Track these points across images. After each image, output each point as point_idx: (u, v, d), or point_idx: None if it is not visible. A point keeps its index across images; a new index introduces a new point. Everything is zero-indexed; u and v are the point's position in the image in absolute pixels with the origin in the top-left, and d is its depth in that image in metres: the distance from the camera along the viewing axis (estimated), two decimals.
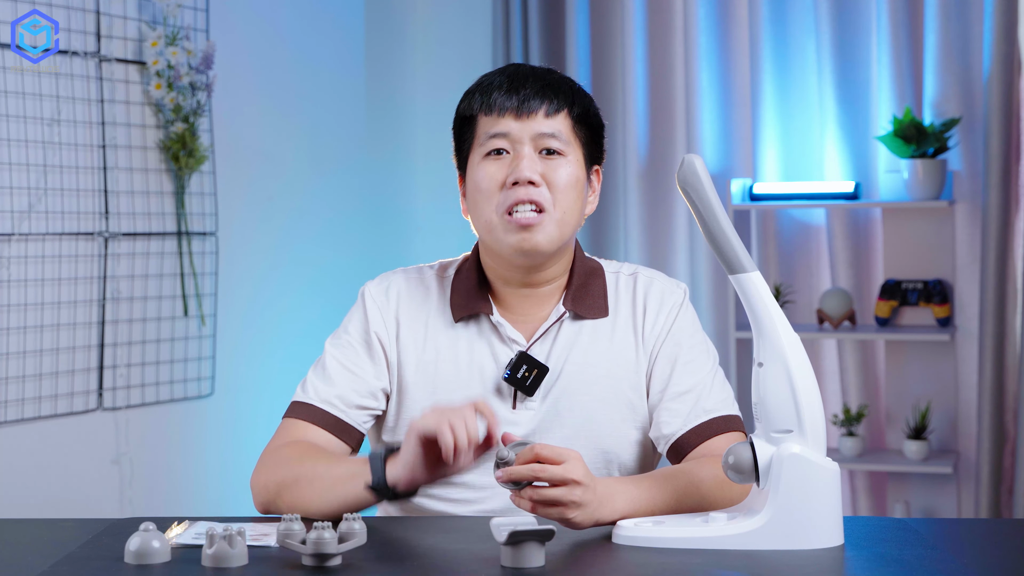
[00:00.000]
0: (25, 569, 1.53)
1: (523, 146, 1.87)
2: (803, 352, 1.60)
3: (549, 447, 1.62)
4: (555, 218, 1.86)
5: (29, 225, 3.23)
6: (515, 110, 1.87)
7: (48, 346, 3.28)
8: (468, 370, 1.90)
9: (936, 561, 1.54)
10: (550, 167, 1.87)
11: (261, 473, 1.83)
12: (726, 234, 1.59)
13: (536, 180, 1.85)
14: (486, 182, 1.88)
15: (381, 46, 4.44)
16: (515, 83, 1.89)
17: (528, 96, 1.88)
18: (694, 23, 4.12)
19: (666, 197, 4.21)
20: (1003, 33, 3.76)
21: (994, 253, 3.79)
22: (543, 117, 1.87)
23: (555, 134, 1.87)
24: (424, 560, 1.56)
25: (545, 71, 1.93)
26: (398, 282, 1.97)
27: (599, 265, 1.99)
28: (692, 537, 1.59)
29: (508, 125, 1.87)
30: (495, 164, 1.88)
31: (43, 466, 3.29)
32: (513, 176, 1.86)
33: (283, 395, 4.19)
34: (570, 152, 1.89)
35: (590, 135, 1.93)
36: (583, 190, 1.91)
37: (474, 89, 1.93)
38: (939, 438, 4.02)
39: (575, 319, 1.93)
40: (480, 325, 1.93)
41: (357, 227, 4.27)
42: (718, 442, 1.86)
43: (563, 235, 1.88)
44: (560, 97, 1.89)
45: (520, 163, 1.86)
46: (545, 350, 1.91)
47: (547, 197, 1.86)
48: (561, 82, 1.92)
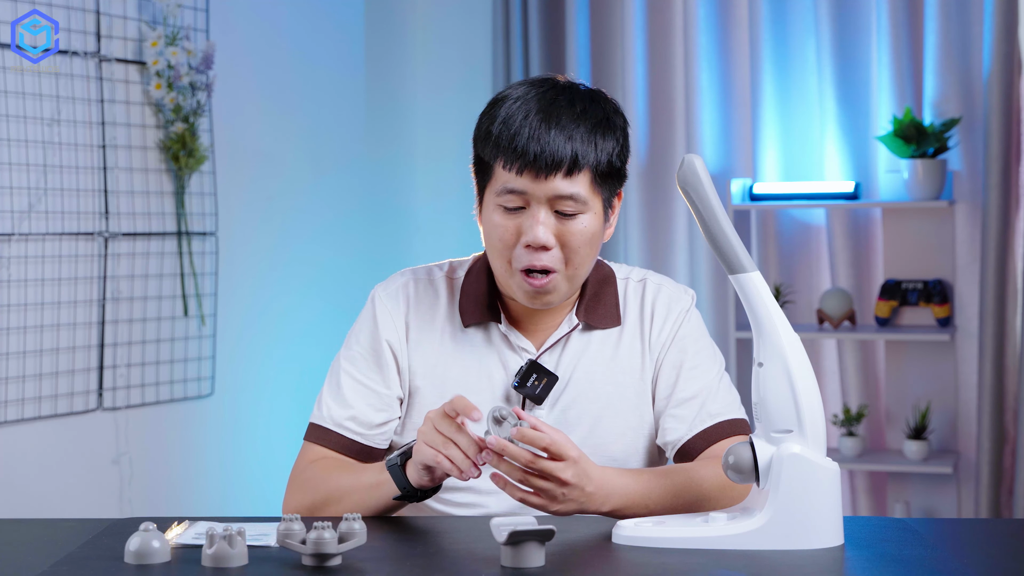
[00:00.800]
0: (25, 569, 1.53)
1: (539, 207, 1.79)
2: (803, 352, 1.60)
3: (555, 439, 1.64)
4: (567, 276, 1.83)
5: (29, 225, 3.23)
6: (534, 169, 1.77)
7: (48, 346, 3.28)
8: (477, 376, 1.89)
9: (936, 561, 1.54)
10: (565, 229, 1.80)
11: (292, 499, 1.86)
12: (726, 234, 1.58)
13: (550, 244, 1.80)
14: (499, 233, 1.82)
15: (381, 46, 4.44)
16: (538, 135, 1.76)
17: (551, 153, 1.76)
18: (694, 23, 4.12)
19: (666, 197, 4.21)
20: (1003, 33, 3.76)
21: (994, 253, 3.79)
22: (563, 178, 1.78)
23: (574, 196, 1.78)
24: (424, 560, 1.56)
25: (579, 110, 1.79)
26: (408, 285, 1.95)
27: (611, 271, 1.96)
28: (692, 537, 1.59)
29: (526, 184, 1.78)
30: (509, 219, 1.81)
31: (43, 466, 3.29)
32: (525, 240, 1.80)
33: (283, 395, 4.21)
34: (590, 207, 1.81)
35: (614, 177, 1.84)
36: (599, 237, 1.85)
37: (497, 131, 1.80)
38: (939, 438, 4.02)
39: (586, 329, 1.92)
40: (489, 332, 1.91)
41: (357, 227, 4.27)
42: (724, 446, 1.85)
43: (575, 286, 1.87)
44: (584, 151, 1.78)
45: (535, 227, 1.78)
46: (555, 359, 1.90)
47: (558, 258, 1.81)
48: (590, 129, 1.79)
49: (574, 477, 1.64)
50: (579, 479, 1.65)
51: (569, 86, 1.84)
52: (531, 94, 1.81)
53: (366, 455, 1.89)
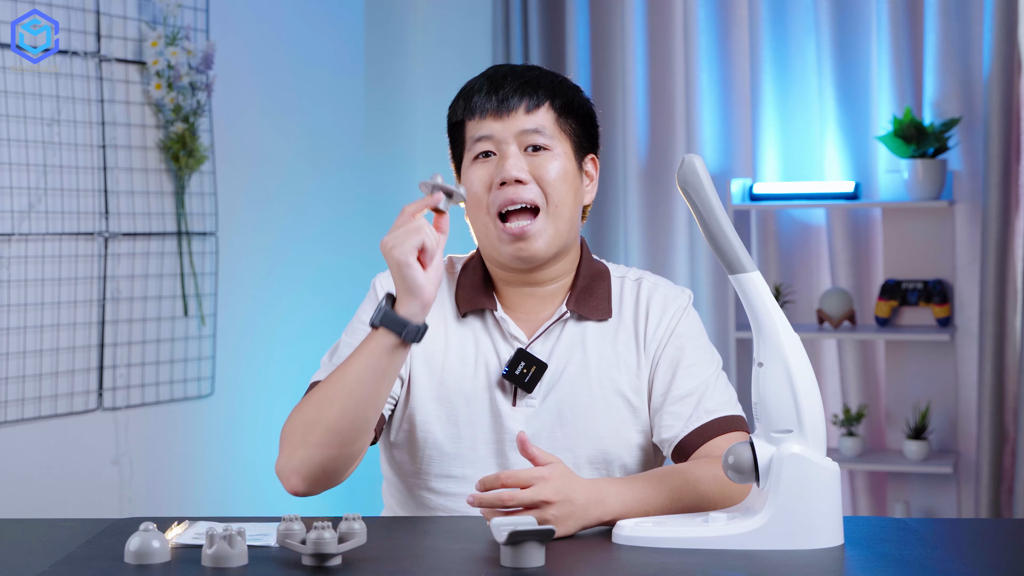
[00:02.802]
0: (25, 569, 1.53)
1: (508, 146, 1.87)
2: (803, 352, 1.60)
3: (513, 475, 1.62)
4: (548, 214, 1.86)
5: (29, 225, 3.23)
6: (495, 110, 1.88)
7: (48, 346, 3.28)
8: (474, 363, 1.91)
9: (936, 561, 1.54)
10: (537, 163, 1.87)
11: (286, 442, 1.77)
12: (726, 234, 1.59)
13: (523, 178, 1.86)
14: (476, 185, 1.88)
15: (381, 46, 4.44)
16: (494, 84, 1.89)
17: (507, 95, 1.88)
18: (694, 23, 4.12)
19: (666, 197, 4.21)
20: (1003, 33, 3.76)
21: (994, 253, 3.79)
22: (524, 114, 1.88)
23: (538, 129, 1.88)
24: (424, 560, 1.56)
25: (525, 68, 1.93)
26: None
27: (605, 268, 1.98)
28: (692, 537, 1.59)
29: (491, 127, 1.88)
30: (483, 167, 1.89)
31: (43, 466, 3.29)
32: (499, 177, 1.86)
33: (283, 395, 4.22)
34: (557, 145, 1.89)
35: (578, 125, 1.93)
36: (575, 182, 1.91)
37: (459, 95, 1.94)
38: (939, 438, 4.02)
39: (578, 320, 1.93)
40: (484, 320, 1.93)
41: (357, 227, 4.27)
42: (721, 442, 1.85)
43: (560, 232, 1.88)
44: (540, 91, 1.89)
45: (505, 163, 1.86)
46: (547, 348, 1.91)
47: (537, 193, 1.86)
48: (541, 77, 1.92)
49: (555, 494, 1.63)
50: (561, 494, 1.63)
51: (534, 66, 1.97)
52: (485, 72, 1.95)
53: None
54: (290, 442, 1.77)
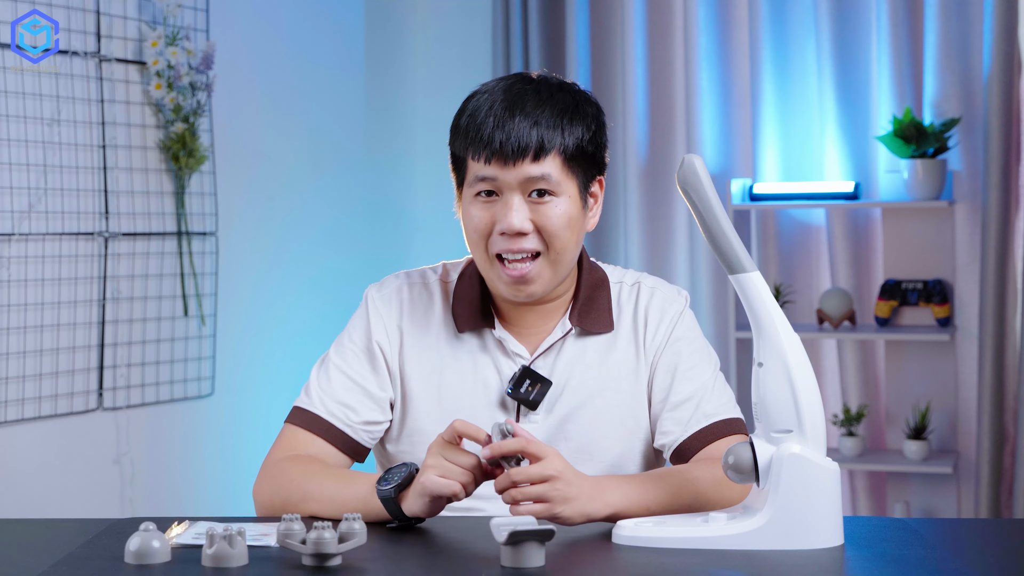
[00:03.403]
0: (25, 569, 1.53)
1: (512, 193, 1.80)
2: (803, 352, 1.60)
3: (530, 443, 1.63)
4: (549, 261, 1.83)
5: (29, 225, 3.23)
6: (501, 156, 1.78)
7: (48, 346, 3.28)
8: (473, 382, 1.89)
9: (936, 561, 1.54)
10: (541, 212, 1.80)
11: (264, 486, 1.81)
12: (726, 234, 1.58)
13: (525, 229, 1.80)
14: (475, 223, 1.82)
15: (381, 46, 4.44)
16: (500, 122, 1.78)
17: (514, 139, 1.77)
18: (694, 23, 4.12)
19: (666, 197, 4.21)
20: (1003, 33, 3.76)
21: (994, 253, 3.79)
22: (530, 162, 1.78)
23: (544, 177, 1.79)
24: (424, 560, 1.56)
25: (537, 94, 1.81)
26: (402, 289, 1.94)
27: (604, 275, 1.96)
28: (692, 537, 1.59)
29: (494, 171, 1.79)
30: (484, 208, 1.82)
31: (43, 466, 3.29)
32: (500, 227, 1.80)
33: (283, 395, 4.21)
34: (563, 190, 1.81)
35: (588, 162, 1.85)
36: (579, 222, 1.84)
37: (462, 123, 1.83)
38: (939, 438, 4.02)
39: (581, 335, 1.91)
40: (483, 337, 1.90)
41: (357, 227, 4.28)
42: (720, 446, 1.85)
43: (559, 275, 1.85)
44: (550, 136, 1.79)
45: (508, 213, 1.79)
46: (549, 364, 1.89)
47: (538, 243, 1.81)
48: (554, 111, 1.80)
49: (561, 467, 1.62)
50: (565, 469, 1.63)
51: (540, 79, 1.86)
52: (499, 87, 1.84)
53: (349, 448, 1.88)
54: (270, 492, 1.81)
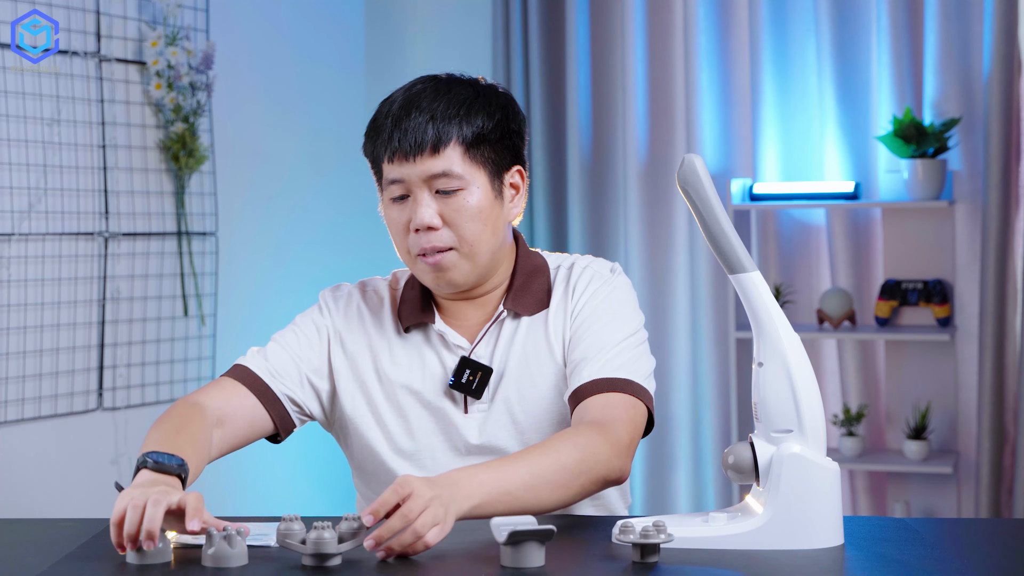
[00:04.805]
0: (25, 569, 1.53)
1: (419, 190, 1.85)
2: (803, 352, 1.60)
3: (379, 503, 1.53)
4: (463, 254, 1.86)
5: (29, 225, 3.23)
6: (402, 154, 1.84)
7: (48, 346, 3.28)
8: (421, 377, 1.92)
9: (936, 561, 1.54)
10: (448, 206, 1.84)
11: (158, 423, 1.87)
12: (726, 234, 1.58)
13: (435, 224, 1.84)
14: (393, 225, 1.89)
15: (381, 46, 4.44)
16: (398, 121, 1.85)
17: (411, 134, 1.83)
18: (694, 23, 4.12)
19: (666, 197, 4.21)
20: (1003, 33, 3.76)
21: (994, 253, 3.79)
22: (430, 156, 1.83)
23: (446, 172, 1.83)
24: (424, 560, 1.56)
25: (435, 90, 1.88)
26: (352, 293, 2.00)
27: (544, 262, 1.98)
28: (692, 537, 1.59)
29: (400, 170, 1.85)
30: (399, 210, 1.87)
31: (43, 466, 3.29)
32: (413, 224, 1.85)
33: None
34: (470, 182, 1.85)
35: (494, 150, 1.87)
36: (491, 213, 1.87)
37: (369, 127, 1.92)
38: (939, 438, 4.02)
39: (515, 317, 1.93)
40: (427, 333, 1.94)
41: (357, 227, 4.27)
42: (595, 402, 1.82)
43: (479, 264, 1.88)
44: (445, 127, 1.84)
45: (417, 210, 1.84)
46: (488, 351, 1.92)
47: (448, 237, 1.84)
48: (451, 103, 1.86)
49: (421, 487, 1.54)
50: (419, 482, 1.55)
51: (445, 77, 1.93)
52: (401, 90, 1.92)
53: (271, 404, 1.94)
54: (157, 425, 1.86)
